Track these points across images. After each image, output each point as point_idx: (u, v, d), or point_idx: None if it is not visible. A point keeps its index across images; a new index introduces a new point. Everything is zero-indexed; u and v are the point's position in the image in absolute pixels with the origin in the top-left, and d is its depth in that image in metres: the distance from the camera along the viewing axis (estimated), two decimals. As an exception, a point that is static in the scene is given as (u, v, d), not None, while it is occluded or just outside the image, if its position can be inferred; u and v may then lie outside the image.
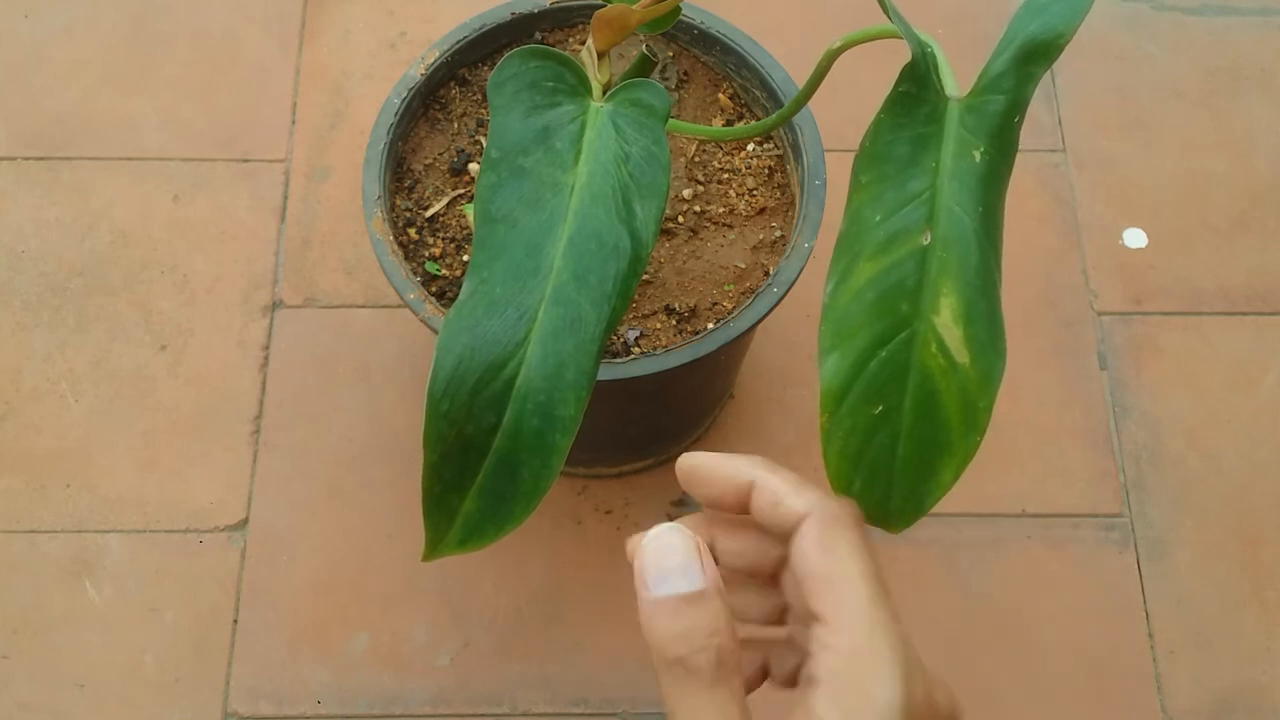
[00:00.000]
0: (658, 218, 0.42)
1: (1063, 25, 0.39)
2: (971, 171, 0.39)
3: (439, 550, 0.42)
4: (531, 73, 0.44)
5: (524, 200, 0.42)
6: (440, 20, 0.95)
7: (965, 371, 0.38)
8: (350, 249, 0.86)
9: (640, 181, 0.42)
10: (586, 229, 0.42)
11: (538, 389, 0.41)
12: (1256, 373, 0.84)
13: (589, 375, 0.41)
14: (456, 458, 0.41)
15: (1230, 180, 0.91)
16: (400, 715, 0.73)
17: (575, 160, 0.43)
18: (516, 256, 0.41)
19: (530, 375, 0.41)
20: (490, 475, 0.41)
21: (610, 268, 0.42)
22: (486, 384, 0.41)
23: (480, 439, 0.41)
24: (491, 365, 0.41)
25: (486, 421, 0.41)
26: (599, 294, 0.41)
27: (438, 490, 0.41)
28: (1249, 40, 0.97)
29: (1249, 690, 0.75)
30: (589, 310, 0.41)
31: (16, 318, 0.83)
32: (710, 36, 0.66)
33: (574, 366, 0.41)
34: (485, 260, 0.42)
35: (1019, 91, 0.39)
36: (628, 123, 0.44)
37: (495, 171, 0.42)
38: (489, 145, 0.43)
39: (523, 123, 0.43)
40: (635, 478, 0.80)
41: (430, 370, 0.40)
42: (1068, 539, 0.79)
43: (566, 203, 0.42)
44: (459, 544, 0.42)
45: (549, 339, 0.41)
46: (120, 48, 0.94)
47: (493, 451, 0.41)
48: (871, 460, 0.39)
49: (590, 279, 0.41)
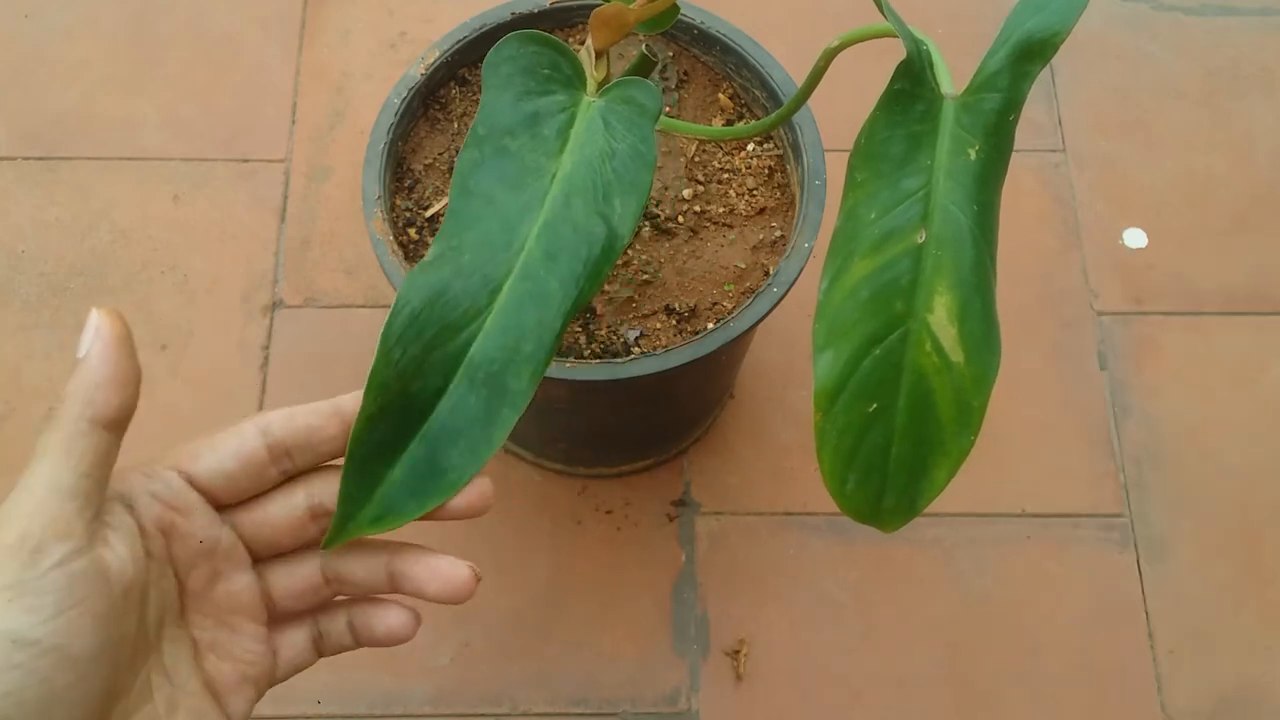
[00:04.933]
0: (636, 214, 0.42)
1: (1059, 23, 0.39)
2: (967, 170, 0.38)
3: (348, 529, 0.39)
4: (528, 57, 0.43)
5: (504, 180, 0.41)
6: (440, 20, 0.95)
7: (959, 370, 0.38)
8: (350, 249, 0.86)
9: (623, 178, 0.42)
10: (563, 214, 0.41)
11: (492, 358, 0.39)
12: (1256, 373, 0.84)
13: (547, 351, 0.40)
14: (395, 415, 0.39)
15: (1230, 180, 0.91)
16: (400, 715, 0.73)
17: (561, 149, 0.42)
18: (489, 230, 0.40)
19: (487, 344, 0.39)
20: (426, 442, 0.39)
21: (583, 251, 0.41)
22: (441, 344, 0.39)
23: (423, 400, 0.39)
24: (449, 326, 0.39)
25: (433, 384, 0.39)
26: (568, 274, 0.40)
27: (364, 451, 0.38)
28: (1249, 40, 0.97)
29: (1249, 690, 0.75)
30: (556, 288, 0.40)
31: (16, 318, 0.83)
32: (710, 36, 0.66)
33: (534, 340, 0.39)
34: (456, 230, 0.40)
35: (1015, 90, 0.39)
36: (618, 119, 0.43)
37: (479, 148, 0.41)
38: (476, 122, 0.42)
39: (513, 105, 0.42)
40: (635, 478, 0.80)
41: (387, 318, 0.39)
42: (1067, 539, 0.78)
43: (547, 188, 0.41)
44: (372, 521, 0.39)
45: (512, 310, 0.40)
46: (120, 48, 0.94)
47: (433, 417, 0.39)
48: (865, 459, 0.39)
49: (561, 259, 0.40)
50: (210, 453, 0.39)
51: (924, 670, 0.75)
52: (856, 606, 0.76)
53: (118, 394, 0.35)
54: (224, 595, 0.40)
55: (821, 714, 0.74)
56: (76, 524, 0.34)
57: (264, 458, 0.39)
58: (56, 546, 0.33)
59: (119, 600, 0.35)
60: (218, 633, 0.40)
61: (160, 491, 0.38)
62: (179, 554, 0.39)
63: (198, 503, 0.39)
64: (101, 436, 0.35)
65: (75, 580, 0.33)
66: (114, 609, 0.34)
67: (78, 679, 0.33)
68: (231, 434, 0.39)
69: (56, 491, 0.34)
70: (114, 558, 0.35)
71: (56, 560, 0.33)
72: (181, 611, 0.39)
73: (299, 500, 0.41)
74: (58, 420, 0.35)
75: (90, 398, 0.35)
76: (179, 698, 0.38)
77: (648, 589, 0.77)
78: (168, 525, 0.38)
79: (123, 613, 0.35)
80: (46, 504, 0.34)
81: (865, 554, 0.78)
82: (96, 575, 0.34)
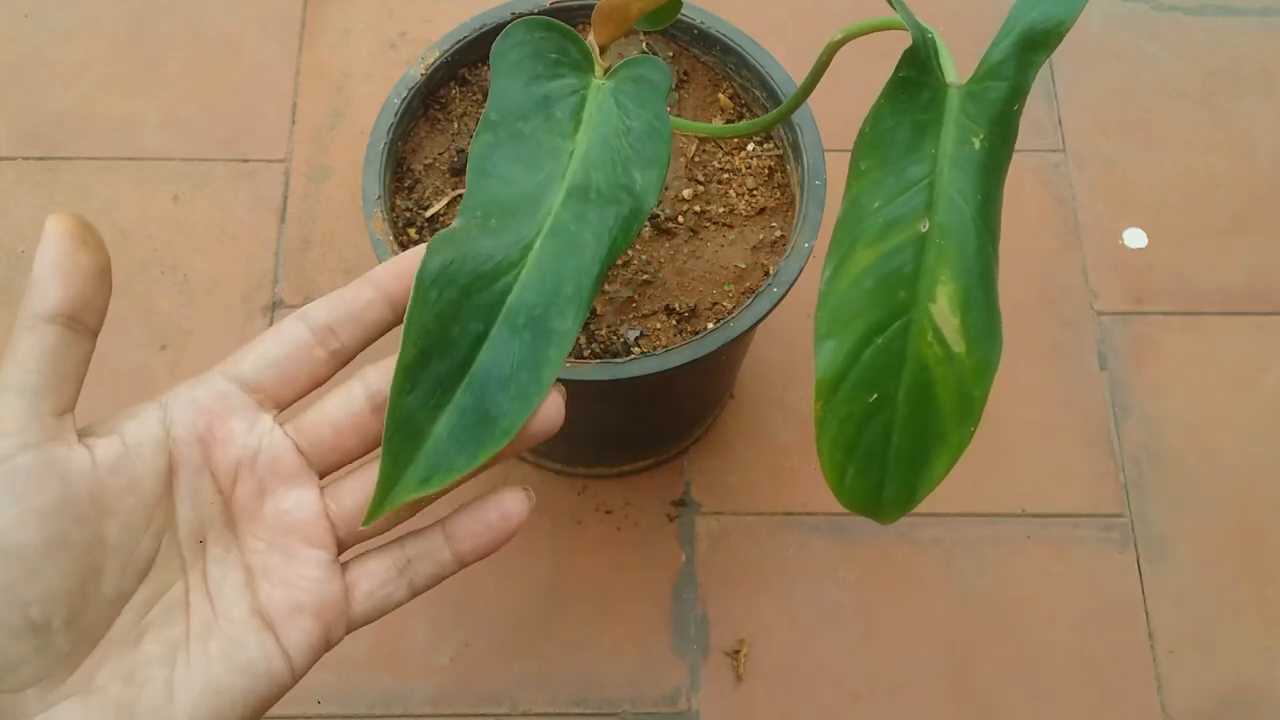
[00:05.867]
0: (658, 185, 0.41)
1: (1063, 12, 0.39)
2: (971, 159, 0.38)
3: (394, 495, 0.36)
4: (536, 42, 0.43)
5: (521, 160, 0.41)
6: (440, 20, 0.95)
7: (961, 360, 0.38)
8: (350, 249, 0.86)
9: (641, 153, 0.42)
10: (585, 185, 0.40)
11: (533, 304, 0.38)
12: (1256, 373, 0.84)
13: (589, 292, 0.39)
14: (436, 360, 0.37)
15: (1230, 180, 0.91)
16: (400, 715, 0.73)
17: (575, 129, 0.42)
18: (514, 199, 0.40)
19: (525, 293, 0.38)
20: (472, 390, 0.37)
21: (610, 211, 0.40)
22: (478, 290, 0.37)
23: (465, 346, 0.37)
24: (483, 275, 0.38)
25: (474, 329, 0.37)
26: (600, 228, 0.39)
27: (405, 403, 0.36)
28: (1249, 40, 0.97)
29: (1249, 690, 0.75)
30: (590, 239, 0.39)
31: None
32: (710, 36, 0.66)
33: (573, 283, 0.38)
34: (476, 203, 0.39)
35: (1020, 79, 0.39)
36: (629, 98, 0.43)
37: (493, 132, 0.41)
38: (488, 109, 0.42)
39: (524, 90, 0.42)
40: (635, 478, 0.80)
41: (420, 266, 0.37)
42: (1067, 539, 0.78)
43: (565, 165, 0.41)
44: (420, 483, 0.36)
45: (548, 260, 0.39)
46: (120, 48, 0.94)
47: (478, 363, 0.37)
48: (865, 449, 0.39)
49: (590, 217, 0.40)
50: (253, 349, 0.38)
51: (924, 670, 0.75)
52: (856, 606, 0.76)
53: (60, 286, 0.34)
54: (273, 513, 0.38)
55: (821, 714, 0.74)
56: (24, 420, 0.33)
57: (308, 338, 0.38)
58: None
59: (84, 501, 0.34)
60: (269, 556, 0.38)
61: (200, 396, 0.38)
62: (219, 462, 0.38)
63: (240, 406, 0.38)
64: (48, 330, 0.34)
65: (17, 475, 0.33)
66: (74, 509, 0.34)
67: (25, 577, 0.32)
68: (270, 329, 0.39)
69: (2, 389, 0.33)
70: (83, 455, 0.34)
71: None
72: (232, 530, 0.38)
73: (356, 392, 0.39)
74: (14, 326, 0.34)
75: (32, 293, 0.34)
76: (220, 622, 0.37)
77: (648, 589, 0.76)
78: (204, 431, 0.37)
79: (93, 514, 0.34)
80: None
81: (865, 554, 0.78)
82: (47, 472, 0.33)
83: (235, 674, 0.36)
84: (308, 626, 0.37)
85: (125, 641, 0.35)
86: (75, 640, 0.34)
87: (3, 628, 0.32)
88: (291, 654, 0.37)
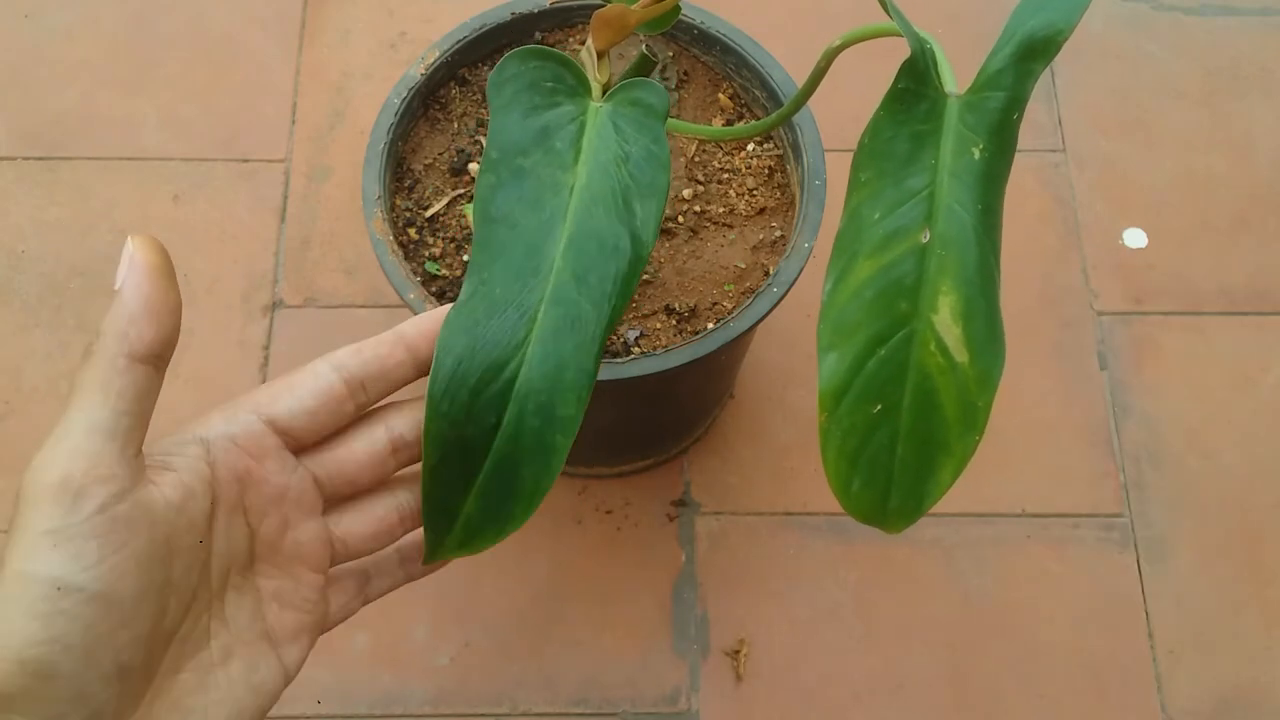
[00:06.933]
0: (658, 217, 0.42)
1: (1062, 21, 0.39)
2: (971, 169, 0.38)
3: (439, 553, 0.41)
4: (531, 73, 0.43)
5: (523, 201, 0.41)
6: (440, 20, 0.95)
7: (964, 370, 0.38)
8: (350, 249, 0.86)
9: (640, 181, 0.42)
10: (586, 229, 0.41)
11: (538, 389, 0.40)
12: (1256, 373, 0.84)
13: (589, 375, 0.40)
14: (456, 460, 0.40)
15: (1230, 180, 0.91)
16: (400, 715, 0.73)
17: (575, 160, 0.43)
18: (516, 257, 0.41)
19: (531, 375, 0.40)
20: (490, 477, 0.40)
21: (610, 267, 0.41)
22: (487, 384, 0.40)
23: (480, 440, 0.40)
24: (492, 365, 0.40)
25: (486, 422, 0.40)
26: (599, 294, 0.41)
27: (437, 493, 0.40)
28: (1249, 40, 0.97)
29: (1249, 690, 0.75)
30: (589, 310, 0.41)
31: (16, 318, 0.83)
32: (710, 36, 0.66)
33: (574, 366, 0.40)
34: (485, 261, 0.41)
35: (1018, 88, 0.39)
36: (627, 122, 0.43)
37: (495, 172, 0.42)
38: (488, 146, 0.42)
39: (522, 123, 0.42)
40: (635, 478, 0.80)
41: (431, 372, 0.40)
42: (1067, 539, 0.78)
43: (566, 203, 0.42)
44: (459, 546, 0.41)
45: (549, 339, 0.40)
46: (120, 48, 0.94)
47: (492, 452, 0.40)
48: (870, 459, 0.39)
49: (590, 279, 0.41)
50: (289, 393, 0.39)
51: (924, 670, 0.75)
52: (856, 606, 0.76)
53: (153, 327, 0.34)
54: (291, 544, 0.40)
55: (821, 714, 0.74)
56: (118, 465, 0.33)
57: (342, 392, 0.40)
58: (98, 490, 0.32)
59: (163, 544, 0.34)
60: (283, 582, 0.40)
61: (238, 435, 0.38)
62: (253, 502, 0.39)
63: (274, 447, 0.39)
64: (139, 372, 0.34)
65: (118, 524, 0.33)
66: (158, 552, 0.34)
67: (122, 624, 0.33)
68: (307, 373, 0.40)
69: (95, 431, 0.33)
70: (160, 498, 0.35)
71: (98, 505, 0.32)
72: (251, 560, 0.39)
73: (379, 434, 0.41)
74: (94, 358, 0.34)
75: (125, 332, 0.34)
76: (235, 646, 0.38)
77: (648, 589, 0.77)
78: (243, 472, 0.38)
79: (168, 556, 0.34)
80: (86, 445, 0.33)
81: (865, 554, 0.78)
82: (140, 518, 0.33)
83: (251, 695, 0.38)
84: (305, 644, 0.40)
85: (169, 671, 0.36)
86: (146, 678, 0.35)
87: (99, 675, 0.32)
88: (289, 670, 0.39)
